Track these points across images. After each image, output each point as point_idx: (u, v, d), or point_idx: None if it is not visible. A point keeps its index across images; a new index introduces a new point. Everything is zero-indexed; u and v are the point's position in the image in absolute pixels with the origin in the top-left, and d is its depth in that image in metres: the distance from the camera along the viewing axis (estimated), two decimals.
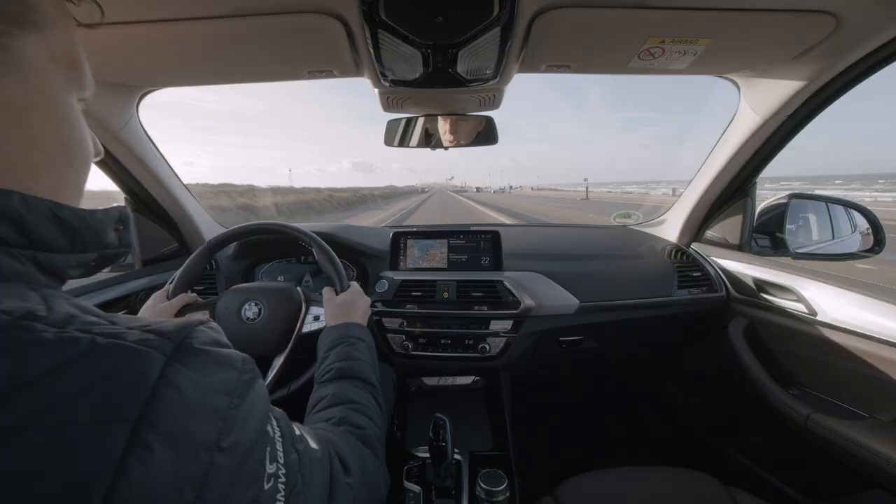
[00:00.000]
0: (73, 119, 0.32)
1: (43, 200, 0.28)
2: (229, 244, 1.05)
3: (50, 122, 0.30)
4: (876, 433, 0.80)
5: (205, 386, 0.26)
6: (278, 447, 0.32)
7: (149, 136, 1.15)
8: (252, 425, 0.29)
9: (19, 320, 0.23)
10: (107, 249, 0.34)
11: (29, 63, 0.28)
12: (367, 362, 0.66)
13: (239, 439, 0.27)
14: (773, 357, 1.08)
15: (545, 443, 1.62)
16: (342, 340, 0.68)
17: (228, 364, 0.29)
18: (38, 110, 0.29)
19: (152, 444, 0.22)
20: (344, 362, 0.63)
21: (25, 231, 0.27)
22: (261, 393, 0.32)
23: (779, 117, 0.99)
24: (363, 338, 0.71)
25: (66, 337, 0.23)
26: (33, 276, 0.28)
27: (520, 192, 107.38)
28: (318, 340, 0.70)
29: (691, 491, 0.83)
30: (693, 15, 0.69)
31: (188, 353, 0.26)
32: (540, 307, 1.13)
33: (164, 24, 0.69)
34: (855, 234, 1.14)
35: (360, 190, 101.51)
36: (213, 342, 0.29)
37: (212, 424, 0.25)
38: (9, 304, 0.24)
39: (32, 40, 0.28)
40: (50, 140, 0.30)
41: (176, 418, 0.23)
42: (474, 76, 0.88)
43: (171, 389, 0.24)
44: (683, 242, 1.36)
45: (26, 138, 0.28)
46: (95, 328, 0.25)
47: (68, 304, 0.28)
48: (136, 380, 0.23)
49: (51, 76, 0.30)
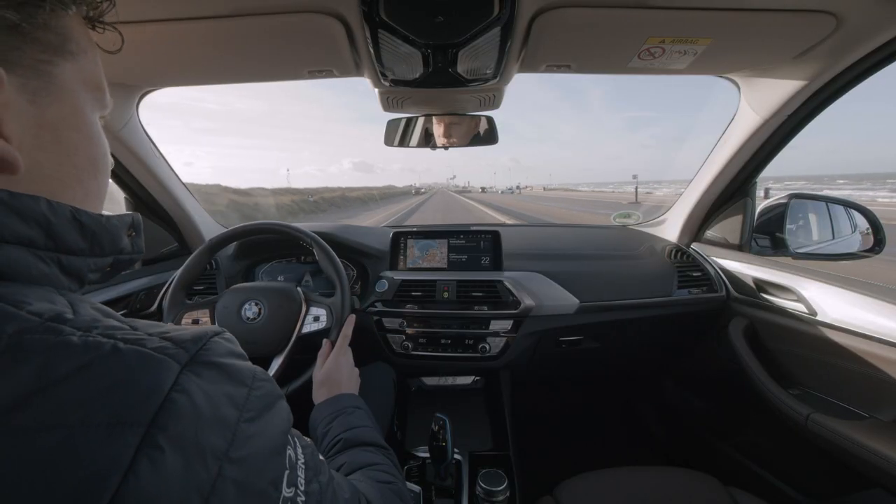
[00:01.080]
0: (98, 135, 0.35)
1: (64, 205, 0.30)
2: (229, 244, 1.05)
3: (81, 140, 0.32)
4: (876, 433, 0.80)
5: (214, 396, 0.27)
6: (300, 473, 0.32)
7: (149, 135, 1.15)
8: (265, 443, 0.29)
9: (48, 322, 0.25)
10: (121, 254, 0.36)
11: (66, 87, 0.31)
12: (371, 427, 0.65)
13: (249, 454, 0.27)
14: (773, 357, 1.08)
15: (545, 443, 1.62)
16: (339, 412, 0.67)
17: (238, 378, 0.29)
18: (71, 130, 0.31)
19: (163, 445, 0.23)
20: (349, 432, 0.62)
21: (51, 234, 0.29)
22: (281, 414, 0.32)
23: (779, 117, 0.99)
24: (359, 406, 0.70)
25: (91, 341, 0.25)
26: (57, 278, 0.30)
27: (530, 194, 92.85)
28: (311, 418, 0.69)
29: (691, 491, 0.83)
30: (693, 15, 0.69)
31: (201, 364, 0.27)
32: (540, 307, 1.13)
33: (164, 24, 0.69)
34: (855, 234, 1.14)
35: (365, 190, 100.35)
36: (227, 353, 0.30)
37: (221, 434, 0.26)
38: (39, 306, 0.25)
39: (69, 67, 0.31)
40: (80, 156, 0.32)
41: (186, 424, 0.24)
42: (474, 76, 0.88)
43: (183, 396, 0.25)
44: (683, 242, 1.36)
45: (61, 155, 0.31)
46: (118, 333, 0.26)
47: (91, 309, 0.29)
48: (152, 386, 0.24)
49: (82, 98, 0.33)
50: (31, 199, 0.28)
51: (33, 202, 0.28)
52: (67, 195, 0.31)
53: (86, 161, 0.33)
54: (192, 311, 0.93)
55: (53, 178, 0.30)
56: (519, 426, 1.19)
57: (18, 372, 0.22)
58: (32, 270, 0.28)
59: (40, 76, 0.29)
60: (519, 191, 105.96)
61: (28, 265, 0.27)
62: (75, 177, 0.32)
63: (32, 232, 0.28)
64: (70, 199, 0.31)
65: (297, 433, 0.36)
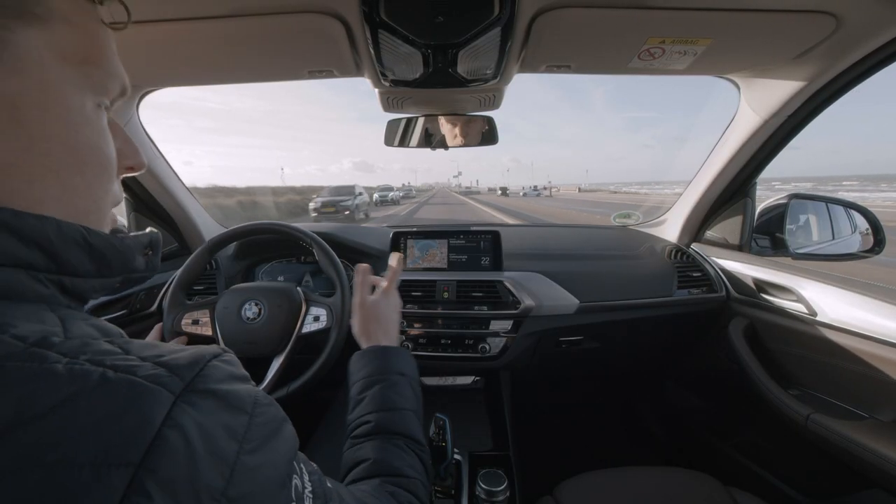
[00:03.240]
0: (81, 122, 0.29)
1: (75, 226, 0.28)
2: (229, 244, 1.05)
3: (51, 123, 0.27)
4: (876, 433, 0.80)
5: (210, 429, 0.24)
6: (307, 502, 0.30)
7: (149, 135, 1.15)
8: (269, 475, 0.27)
9: (32, 347, 0.22)
10: (133, 273, 0.33)
11: (28, 57, 0.26)
12: (412, 410, 0.57)
13: (251, 490, 0.25)
14: (773, 357, 1.08)
15: (545, 443, 1.62)
16: (380, 378, 0.58)
17: (238, 407, 0.26)
18: (36, 108, 0.27)
19: (152, 492, 0.21)
20: (383, 413, 0.54)
21: (54, 257, 0.27)
22: (286, 440, 0.30)
23: (779, 117, 0.99)
24: (404, 371, 0.60)
25: (77, 370, 0.22)
26: (55, 298, 0.28)
27: (561, 196, 71.09)
28: (350, 365, 0.61)
29: (691, 491, 0.83)
30: (693, 15, 0.69)
31: (197, 393, 0.25)
32: (540, 307, 1.13)
33: (164, 24, 0.69)
34: (855, 235, 1.14)
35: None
36: (227, 377, 0.27)
37: (218, 472, 0.23)
38: (23, 329, 0.23)
39: (33, 34, 0.27)
40: (51, 143, 0.27)
41: (179, 464, 0.22)
42: (474, 76, 0.88)
43: (175, 431, 0.22)
44: (683, 242, 1.36)
45: (22, 139, 0.26)
46: (108, 360, 0.24)
47: (86, 325, 0.27)
48: (141, 421, 0.22)
49: (56, 73, 0.28)
50: (36, 220, 0.26)
51: (39, 223, 0.26)
52: (40, 192, 0.27)
53: (62, 150, 0.28)
54: (192, 311, 0.93)
55: (16, 167, 0.26)
56: (519, 426, 1.19)
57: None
58: (28, 293, 0.26)
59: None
60: (547, 192, 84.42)
61: (23, 288, 0.26)
62: (47, 168, 0.27)
63: (32, 255, 0.26)
64: (46, 197, 0.27)
65: (303, 458, 0.33)
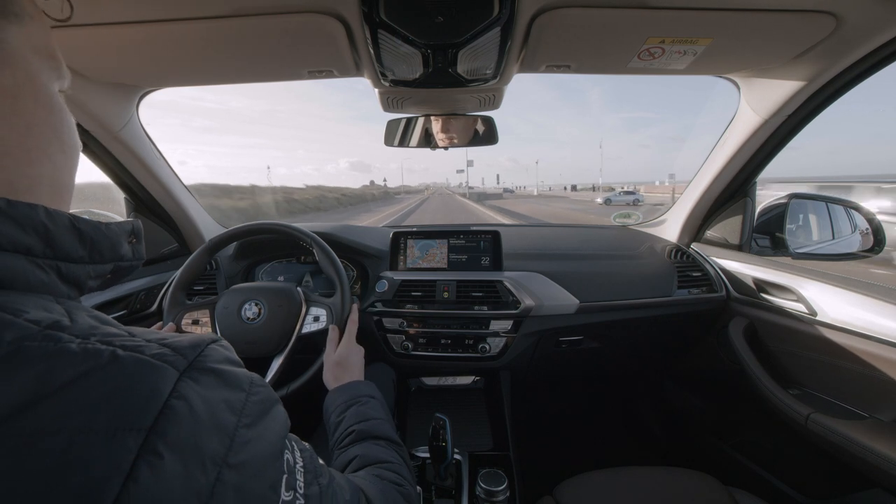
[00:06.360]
0: (61, 108, 0.33)
1: (62, 213, 0.30)
2: (229, 244, 1.05)
3: (41, 110, 0.31)
4: (876, 433, 0.80)
5: (212, 402, 0.27)
6: (298, 477, 0.33)
7: (149, 136, 1.15)
8: (263, 448, 0.29)
9: (46, 330, 0.25)
10: (122, 261, 0.35)
11: (15, 53, 0.29)
12: (385, 420, 0.65)
13: (248, 458, 0.27)
14: (773, 357, 1.08)
15: (545, 442, 1.62)
16: (354, 401, 0.67)
17: (236, 384, 0.29)
18: (29, 98, 0.30)
19: (162, 451, 0.23)
20: (362, 423, 0.62)
21: (50, 241, 0.29)
22: (278, 419, 0.32)
23: (779, 117, 0.99)
24: (373, 395, 0.70)
25: (90, 348, 0.25)
26: (55, 285, 0.29)
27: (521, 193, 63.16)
28: (326, 403, 0.70)
29: (691, 491, 0.83)
30: (693, 15, 0.69)
31: (199, 371, 0.27)
32: (540, 307, 1.13)
33: (164, 24, 0.69)
34: (855, 234, 1.14)
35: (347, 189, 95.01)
36: (224, 360, 0.30)
37: (219, 440, 0.26)
38: (36, 314, 0.25)
39: (14, 30, 0.29)
40: (43, 127, 0.31)
41: (185, 430, 0.24)
42: (474, 76, 0.88)
43: (181, 402, 0.25)
44: (683, 242, 1.36)
45: (21, 126, 0.29)
46: (116, 340, 0.26)
47: (88, 316, 0.29)
48: (151, 392, 0.24)
49: (35, 66, 0.31)
50: (28, 207, 0.27)
51: (31, 210, 0.27)
52: (37, 171, 0.30)
53: (51, 133, 0.32)
54: (192, 311, 0.93)
55: (19, 149, 0.29)
56: (519, 426, 1.19)
57: (19, 379, 0.22)
58: (30, 278, 0.27)
59: None
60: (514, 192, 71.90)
61: (26, 273, 0.27)
62: (41, 149, 0.31)
63: (30, 240, 0.27)
64: (41, 175, 0.30)
65: (294, 437, 0.36)
